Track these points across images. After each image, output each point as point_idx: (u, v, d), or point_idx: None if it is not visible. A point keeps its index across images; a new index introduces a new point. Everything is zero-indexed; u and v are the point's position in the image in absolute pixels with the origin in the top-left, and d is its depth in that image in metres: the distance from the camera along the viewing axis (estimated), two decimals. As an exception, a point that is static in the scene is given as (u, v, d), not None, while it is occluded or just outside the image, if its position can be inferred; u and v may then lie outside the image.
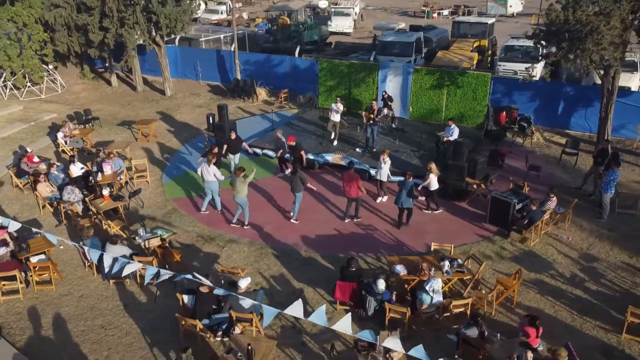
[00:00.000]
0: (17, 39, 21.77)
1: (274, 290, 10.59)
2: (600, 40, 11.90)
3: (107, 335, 9.35)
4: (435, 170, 12.85)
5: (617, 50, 12.69)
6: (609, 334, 9.36)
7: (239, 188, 12.25)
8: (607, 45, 12.12)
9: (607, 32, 11.80)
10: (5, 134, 18.26)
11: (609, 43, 12.14)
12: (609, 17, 11.82)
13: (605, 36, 11.84)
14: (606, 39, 11.91)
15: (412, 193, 12.07)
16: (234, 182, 12.29)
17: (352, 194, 12.67)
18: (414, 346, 8.40)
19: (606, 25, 11.73)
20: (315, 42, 31.88)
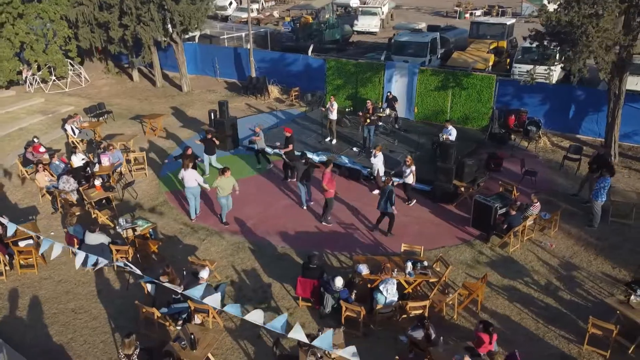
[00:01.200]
0: (43, 35, 22.81)
1: (243, 284, 10.81)
2: (589, 42, 11.53)
3: (76, 318, 9.78)
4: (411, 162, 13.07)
5: (609, 53, 12.23)
6: (571, 345, 9.13)
7: (224, 186, 12.38)
8: (595, 47, 11.71)
9: (595, 34, 11.41)
10: (23, 125, 19.19)
11: (598, 45, 11.73)
12: (598, 19, 11.42)
13: (594, 38, 11.46)
14: (594, 41, 11.51)
15: (390, 198, 11.94)
16: (221, 180, 12.35)
17: (328, 194, 12.65)
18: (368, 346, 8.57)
19: (595, 27, 11.34)
20: (337, 41, 31.94)
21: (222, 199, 12.58)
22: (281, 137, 15.73)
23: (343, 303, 9.21)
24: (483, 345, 8.44)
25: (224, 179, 12.37)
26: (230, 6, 45.83)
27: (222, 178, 12.37)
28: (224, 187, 12.41)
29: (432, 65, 23.91)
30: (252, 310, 6.41)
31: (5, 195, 14.53)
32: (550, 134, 18.52)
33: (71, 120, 17.41)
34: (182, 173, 12.68)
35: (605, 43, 11.89)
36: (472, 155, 16.40)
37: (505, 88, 19.06)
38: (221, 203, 12.67)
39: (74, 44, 23.83)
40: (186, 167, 12.59)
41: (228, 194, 12.57)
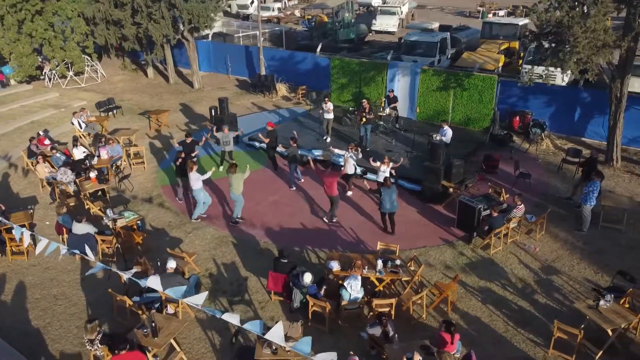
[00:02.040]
0: (61, 31, 23.57)
1: (220, 277, 11.03)
2: (577, 42, 11.32)
3: (56, 304, 10.17)
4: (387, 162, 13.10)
5: (598, 54, 11.97)
6: (537, 348, 9.04)
7: (235, 184, 12.49)
8: (582, 48, 11.48)
9: (582, 34, 11.19)
10: (36, 118, 19.92)
11: (587, 46, 11.49)
12: (585, 19, 11.19)
13: (581, 39, 11.24)
14: (582, 41, 11.29)
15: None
16: (230, 178, 12.49)
17: (332, 192, 12.74)
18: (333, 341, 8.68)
19: (582, 27, 11.12)
20: (351, 40, 31.98)
21: (231, 195, 12.71)
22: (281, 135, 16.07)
23: (309, 298, 9.33)
24: (446, 345, 8.46)
25: (232, 175, 12.51)
26: (251, 5, 46.27)
27: (230, 176, 12.53)
28: (234, 186, 12.49)
29: (442, 65, 23.77)
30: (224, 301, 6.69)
31: (9, 185, 15.13)
32: (555, 136, 18.22)
33: (78, 114, 17.96)
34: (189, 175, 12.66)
35: (595, 44, 11.65)
36: (470, 157, 16.31)
37: (511, 89, 18.84)
38: (232, 199, 12.80)
39: (90, 40, 24.56)
40: (190, 169, 12.59)
41: (237, 193, 12.56)
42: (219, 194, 14.38)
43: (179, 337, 9.27)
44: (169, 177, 15.41)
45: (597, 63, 12.21)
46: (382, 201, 12.11)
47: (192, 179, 12.61)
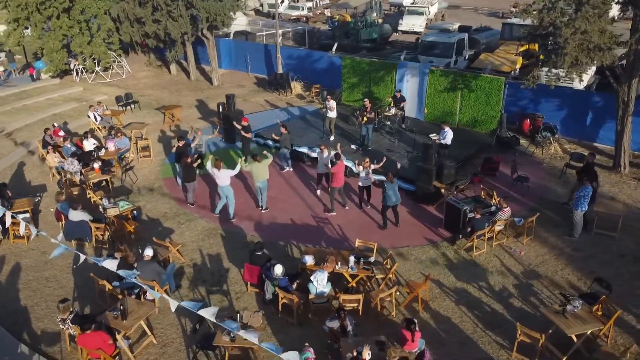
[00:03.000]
0: (88, 28, 24.55)
1: (203, 267, 11.40)
2: (565, 44, 11.10)
3: (46, 286, 10.75)
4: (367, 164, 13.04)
5: (588, 56, 11.68)
6: (502, 351, 9.00)
7: (260, 172, 12.95)
8: (569, 50, 11.24)
9: (570, 36, 10.97)
10: (58, 111, 20.87)
11: (577, 48, 11.24)
12: (573, 21, 10.96)
13: (570, 41, 11.01)
14: (570, 43, 11.06)
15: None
16: (252, 167, 12.92)
17: (339, 183, 13.12)
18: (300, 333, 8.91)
19: (570, 29, 10.90)
20: (374, 40, 31.99)
21: (256, 183, 13.18)
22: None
23: (279, 290, 9.56)
24: (406, 343, 8.56)
25: (256, 164, 12.93)
26: (281, 4, 46.75)
27: (255, 163, 12.98)
28: (258, 173, 12.95)
29: (458, 66, 23.58)
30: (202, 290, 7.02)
31: (23, 173, 15.97)
32: (566, 140, 17.87)
33: (94, 107, 18.73)
34: (214, 172, 12.68)
35: (587, 46, 11.39)
36: (472, 159, 16.17)
37: (522, 92, 18.49)
38: (256, 187, 13.32)
39: (116, 37, 25.48)
40: (218, 167, 12.64)
41: (264, 179, 13.08)
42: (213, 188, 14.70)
43: (153, 323, 9.73)
44: (172, 171, 15.90)
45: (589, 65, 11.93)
46: (387, 196, 12.25)
47: (222, 177, 12.67)
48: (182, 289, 10.68)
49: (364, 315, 9.66)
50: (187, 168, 13.33)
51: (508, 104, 18.90)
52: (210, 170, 12.74)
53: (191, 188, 13.56)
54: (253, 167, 12.99)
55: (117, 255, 10.03)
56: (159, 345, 9.17)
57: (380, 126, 18.11)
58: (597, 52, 11.49)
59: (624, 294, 10.36)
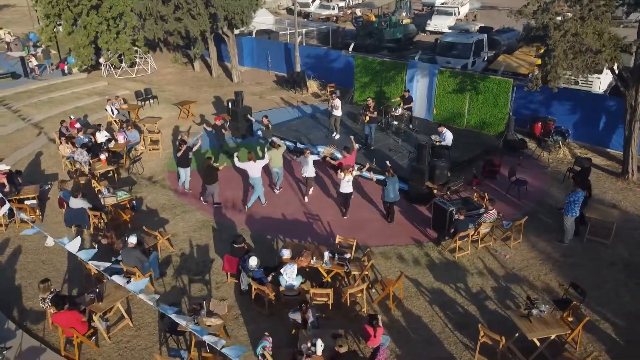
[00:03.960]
0: (115, 25, 25.51)
1: (190, 257, 11.81)
2: (554, 46, 10.90)
3: (42, 268, 11.38)
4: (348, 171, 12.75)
5: (577, 59, 11.39)
6: (466, 352, 9.01)
7: (276, 158, 13.85)
8: (558, 53, 11.01)
9: (559, 38, 10.75)
10: (81, 104, 21.81)
11: (568, 50, 11.00)
12: (563, 22, 10.74)
13: (558, 43, 10.80)
14: (559, 45, 10.85)
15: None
16: (271, 154, 13.79)
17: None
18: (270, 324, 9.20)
19: (560, 31, 10.69)
20: (398, 40, 31.87)
21: (274, 169, 14.07)
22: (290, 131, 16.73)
23: (252, 281, 9.84)
24: (369, 339, 8.71)
25: (274, 151, 13.88)
26: (312, 3, 47.11)
27: (273, 150, 13.86)
28: (275, 159, 13.87)
29: (476, 67, 23.31)
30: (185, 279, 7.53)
31: (40, 162, 16.83)
32: (577, 145, 17.48)
33: (111, 101, 19.50)
34: (249, 165, 13.26)
35: (579, 48, 11.14)
36: (475, 161, 16.03)
37: (534, 94, 18.18)
38: (273, 172, 14.19)
39: (141, 34, 26.37)
40: (253, 159, 13.31)
41: (279, 165, 14.03)
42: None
43: (133, 307, 10.17)
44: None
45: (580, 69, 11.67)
46: (387, 191, 12.49)
47: (255, 168, 13.29)
48: (166, 277, 11.09)
49: (335, 310, 9.84)
50: (210, 170, 13.37)
51: (520, 106, 18.64)
52: (243, 164, 13.38)
53: (214, 189, 13.66)
54: (271, 153, 13.81)
55: (103, 242, 10.53)
56: (134, 328, 9.61)
57: (386, 126, 18.16)
58: (591, 55, 11.21)
59: (606, 301, 10.18)
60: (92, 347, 9.09)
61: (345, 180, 12.61)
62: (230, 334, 9.48)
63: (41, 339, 9.33)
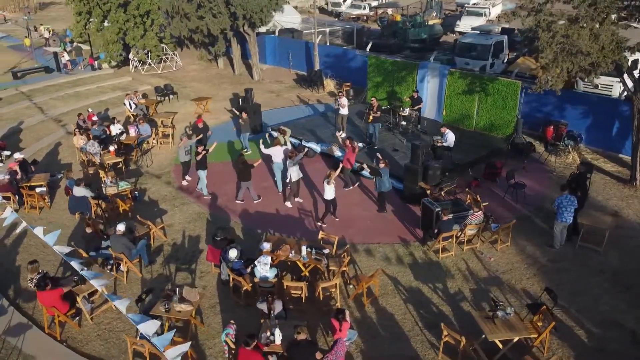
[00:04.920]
0: (142, 22, 26.41)
1: (181, 246, 12.25)
2: (542, 47, 10.71)
3: (42, 251, 12.01)
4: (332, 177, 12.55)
5: (567, 61, 11.12)
6: (430, 350, 9.07)
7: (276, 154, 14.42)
8: (546, 54, 10.80)
9: (547, 41, 10.56)
10: (104, 98, 22.75)
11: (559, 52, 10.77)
12: (550, 24, 10.53)
13: (546, 45, 10.60)
14: (547, 48, 10.65)
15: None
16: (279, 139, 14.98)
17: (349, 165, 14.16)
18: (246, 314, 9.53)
19: (547, 33, 10.49)
20: (423, 40, 31.68)
21: (275, 167, 14.56)
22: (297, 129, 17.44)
23: (230, 272, 10.17)
24: (336, 332, 8.89)
25: (281, 137, 14.93)
26: (344, 3, 47.25)
27: (280, 137, 14.91)
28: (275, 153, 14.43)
29: (495, 69, 23.00)
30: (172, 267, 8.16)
31: (57, 152, 17.71)
32: (590, 150, 17.08)
33: (129, 96, 20.27)
34: (275, 150, 14.25)
35: (570, 50, 10.90)
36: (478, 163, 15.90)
37: (547, 97, 17.86)
38: (275, 172, 14.72)
39: (168, 31, 27.19)
40: (278, 144, 14.47)
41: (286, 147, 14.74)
42: (216, 177, 15.56)
43: (119, 291, 10.67)
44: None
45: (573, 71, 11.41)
46: (382, 182, 12.89)
47: (279, 153, 14.30)
48: (155, 265, 11.56)
49: (309, 303, 10.05)
50: (245, 167, 13.66)
51: (533, 110, 18.35)
52: (269, 149, 14.37)
53: (249, 185, 13.99)
54: (275, 149, 14.50)
55: (87, 231, 11.09)
56: (117, 311, 10.03)
57: (394, 126, 18.20)
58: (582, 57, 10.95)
59: (586, 308, 10.02)
60: (73, 326, 9.62)
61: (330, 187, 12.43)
62: (205, 321, 9.85)
63: (30, 316, 9.93)
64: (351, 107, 20.52)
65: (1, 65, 28.67)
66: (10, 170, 14.01)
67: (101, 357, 8.98)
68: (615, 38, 11.91)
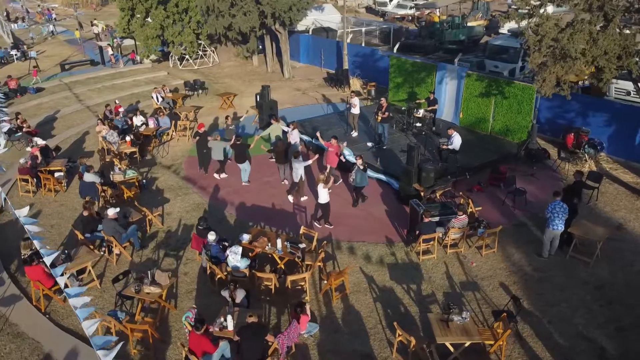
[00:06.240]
0: (180, 19, 27.46)
1: (174, 233, 12.83)
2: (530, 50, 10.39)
3: (48, 231, 12.89)
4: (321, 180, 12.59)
5: (556, 66, 10.69)
6: (386, 349, 9.13)
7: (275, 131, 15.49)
8: (533, 59, 10.45)
9: (533, 44, 10.22)
10: (137, 91, 23.89)
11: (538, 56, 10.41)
12: (538, 27, 10.17)
13: (535, 51, 10.27)
14: (534, 52, 10.31)
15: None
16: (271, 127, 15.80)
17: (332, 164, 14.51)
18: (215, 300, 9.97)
19: (534, 37, 10.16)
20: (461, 41, 31.13)
21: (273, 140, 15.58)
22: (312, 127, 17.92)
23: (207, 259, 10.60)
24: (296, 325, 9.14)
25: (275, 125, 15.73)
26: (390, 2, 46.98)
27: (273, 125, 15.73)
28: (275, 130, 15.68)
29: (523, 72, 22.36)
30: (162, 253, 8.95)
31: (84, 140, 18.81)
32: (611, 159, 16.39)
33: (157, 89, 21.21)
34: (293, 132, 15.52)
35: (560, 54, 10.51)
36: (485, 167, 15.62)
37: (569, 103, 17.26)
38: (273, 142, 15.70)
39: (205, 29, 28.11)
40: (293, 128, 15.60)
41: (278, 135, 15.68)
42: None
43: (107, 272, 11.34)
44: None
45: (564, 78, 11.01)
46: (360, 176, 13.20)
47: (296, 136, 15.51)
48: (146, 250, 12.17)
49: (279, 295, 10.32)
50: (281, 152, 14.91)
51: (556, 115, 17.80)
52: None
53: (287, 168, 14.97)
54: (272, 127, 15.66)
55: (84, 214, 11.82)
56: (100, 290, 10.74)
57: (408, 127, 18.12)
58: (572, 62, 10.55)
59: (560, 320, 9.76)
60: (58, 301, 10.34)
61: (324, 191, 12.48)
62: (179, 305, 10.32)
63: (23, 289, 10.75)
64: (371, 107, 20.64)
65: (56, 58, 30.57)
66: (32, 155, 15.06)
67: (77, 331, 9.59)
68: (621, 43, 11.44)
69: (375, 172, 15.28)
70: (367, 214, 13.55)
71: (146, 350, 9.10)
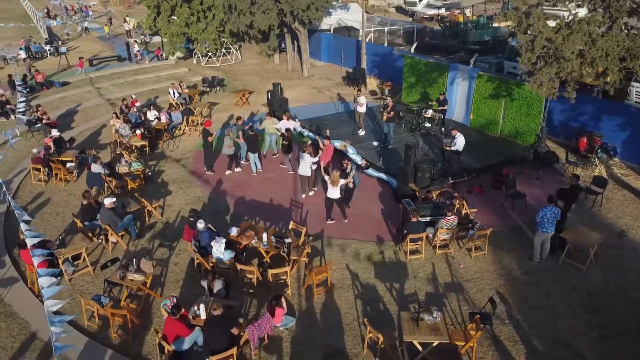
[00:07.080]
0: (204, 17, 28.01)
1: (171, 225, 13.16)
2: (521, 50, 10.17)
3: (54, 218, 13.46)
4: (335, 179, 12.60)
5: (549, 67, 10.40)
6: (358, 346, 9.16)
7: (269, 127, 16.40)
8: (524, 59, 10.21)
9: (524, 44, 9.99)
10: (157, 86, 24.51)
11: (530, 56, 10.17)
12: (528, 27, 9.95)
13: (527, 51, 10.04)
14: (526, 52, 10.08)
15: None
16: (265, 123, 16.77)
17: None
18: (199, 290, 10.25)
19: (525, 37, 9.93)
20: (485, 42, 30.69)
21: (267, 137, 16.54)
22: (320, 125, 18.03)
23: (194, 250, 10.86)
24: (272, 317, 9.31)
25: (266, 121, 16.66)
26: (420, 2, 46.58)
27: (267, 120, 16.66)
28: (268, 127, 16.63)
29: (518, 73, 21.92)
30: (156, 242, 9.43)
31: (100, 132, 19.47)
32: (624, 165, 15.93)
33: (174, 85, 21.73)
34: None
35: (554, 55, 10.26)
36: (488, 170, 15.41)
37: (584, 106, 16.89)
38: (265, 140, 16.68)
39: (228, 26, 28.59)
40: (287, 118, 16.47)
41: (272, 132, 16.60)
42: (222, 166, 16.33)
43: (102, 259, 11.74)
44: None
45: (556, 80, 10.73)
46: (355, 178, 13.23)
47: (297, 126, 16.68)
48: (143, 239, 12.55)
49: (261, 288, 10.49)
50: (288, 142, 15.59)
51: (570, 118, 17.42)
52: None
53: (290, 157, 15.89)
54: (266, 122, 16.55)
55: (84, 203, 12.27)
56: (93, 276, 11.14)
57: (417, 127, 18.03)
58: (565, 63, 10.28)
59: (542, 325, 9.59)
60: (51, 284, 10.77)
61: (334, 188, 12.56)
62: (165, 293, 10.61)
63: (22, 272, 11.25)
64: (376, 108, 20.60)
65: (87, 53, 31.62)
66: (45, 146, 15.70)
67: (66, 314, 9.99)
68: (625, 44, 11.12)
69: (376, 171, 15.29)
70: (358, 211, 13.56)
71: (126, 335, 9.40)
